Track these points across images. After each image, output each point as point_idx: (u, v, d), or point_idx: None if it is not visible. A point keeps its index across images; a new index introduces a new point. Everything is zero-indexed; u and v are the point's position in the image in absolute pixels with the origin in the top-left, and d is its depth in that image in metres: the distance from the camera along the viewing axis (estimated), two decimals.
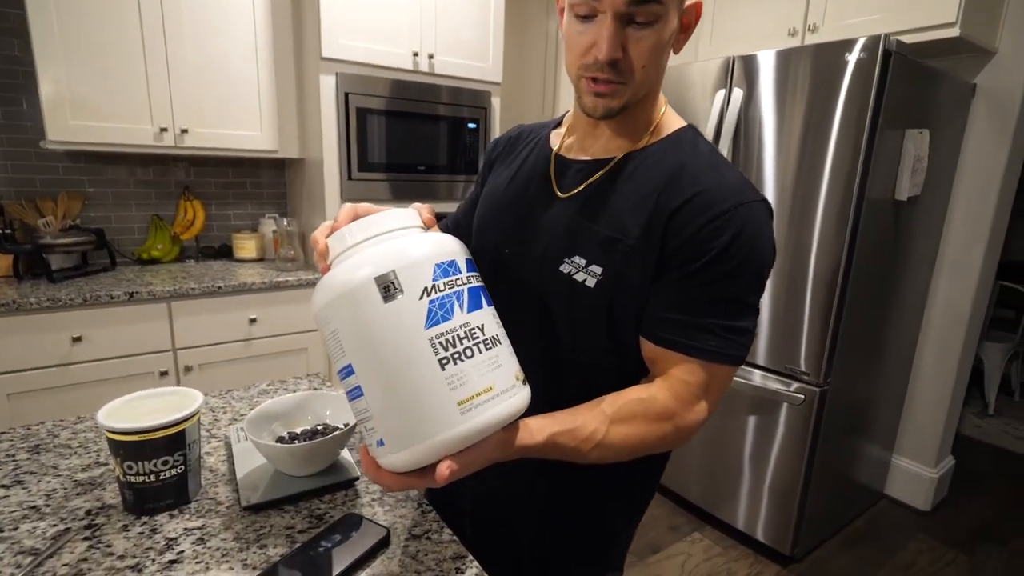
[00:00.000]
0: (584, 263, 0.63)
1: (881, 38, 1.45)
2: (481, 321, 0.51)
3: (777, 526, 1.85)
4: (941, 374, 2.10)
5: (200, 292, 1.88)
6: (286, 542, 0.62)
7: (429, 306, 0.49)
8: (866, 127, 1.50)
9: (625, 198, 0.63)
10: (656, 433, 0.60)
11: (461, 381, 0.48)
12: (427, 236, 0.53)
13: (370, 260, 0.49)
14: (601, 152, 0.68)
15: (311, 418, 0.80)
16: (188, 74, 1.98)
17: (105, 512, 0.66)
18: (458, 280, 0.51)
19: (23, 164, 2.03)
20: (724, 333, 0.59)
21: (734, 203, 0.58)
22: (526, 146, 0.78)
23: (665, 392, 0.60)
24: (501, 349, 0.52)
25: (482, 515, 0.77)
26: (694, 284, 0.59)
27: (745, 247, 0.58)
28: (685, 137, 0.66)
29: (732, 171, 0.63)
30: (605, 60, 0.57)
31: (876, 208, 1.64)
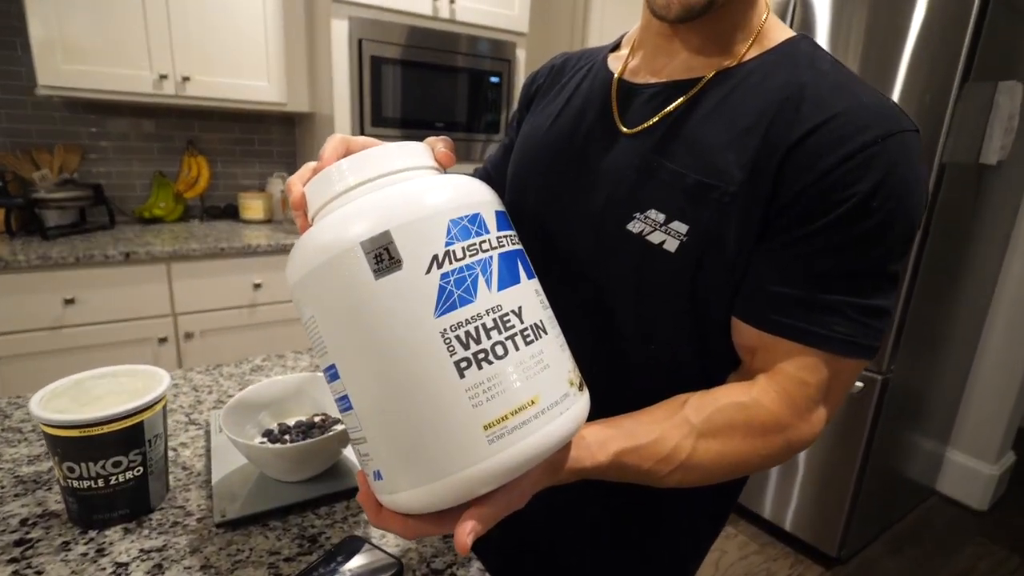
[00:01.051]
0: (662, 219, 0.47)
1: None
2: (519, 302, 0.35)
3: (822, 523, 1.70)
4: (1008, 362, 1.91)
5: (202, 254, 1.75)
6: (268, 573, 0.48)
7: (441, 283, 0.32)
8: (957, 77, 1.27)
9: (720, 131, 0.46)
10: (760, 451, 0.44)
11: (489, 394, 0.32)
12: (442, 179, 0.36)
13: (359, 215, 0.33)
14: (682, 72, 0.50)
15: (309, 406, 0.65)
16: (190, 15, 1.79)
17: (45, 522, 0.52)
18: (484, 243, 0.34)
19: (18, 113, 1.88)
20: (857, 315, 0.43)
21: (881, 133, 0.41)
22: (575, 74, 0.59)
23: (773, 395, 0.44)
24: (547, 341, 0.35)
25: (513, 543, 0.62)
26: (820, 247, 0.42)
27: (895, 195, 0.41)
28: (799, 48, 0.48)
29: (871, 91, 0.44)
30: None
31: (958, 173, 1.42)
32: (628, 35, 0.58)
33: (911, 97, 1.34)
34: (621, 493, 0.48)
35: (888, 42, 1.37)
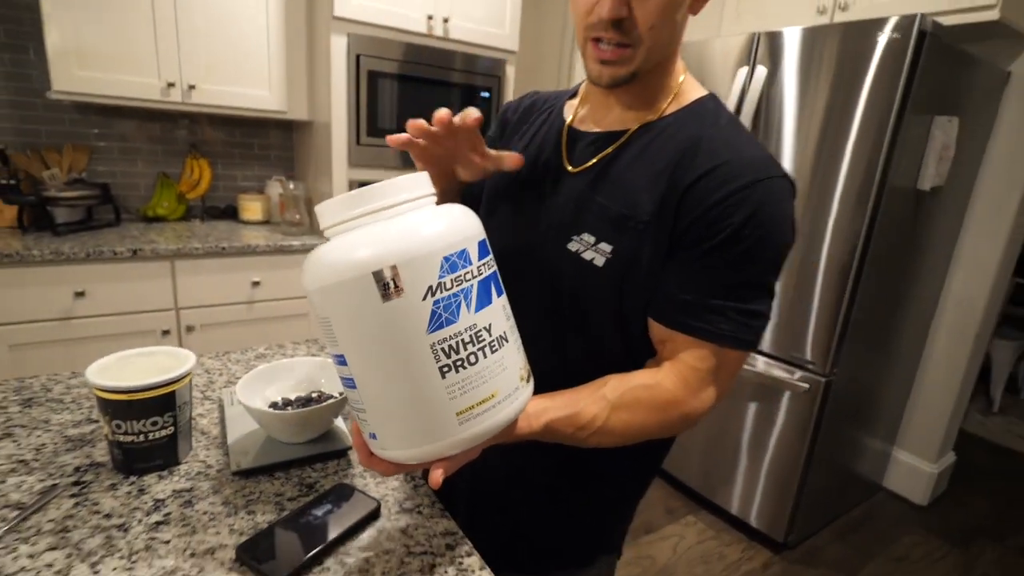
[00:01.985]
0: (593, 241, 0.60)
1: (917, 18, 1.38)
2: (489, 320, 0.46)
3: (772, 513, 1.85)
4: (949, 370, 2.07)
5: (204, 252, 1.87)
6: (275, 509, 0.61)
7: (433, 308, 0.43)
8: (893, 112, 1.43)
9: (638, 173, 0.60)
10: (659, 421, 0.58)
11: (462, 390, 0.44)
12: (439, 214, 0.46)
13: (371, 242, 0.42)
14: (615, 124, 0.64)
15: (306, 385, 0.78)
16: (197, 28, 1.92)
17: (94, 470, 0.65)
18: (467, 274, 0.45)
19: (29, 114, 2.00)
20: (737, 316, 0.56)
21: (752, 179, 0.55)
22: (540, 115, 0.74)
23: (672, 378, 0.58)
24: (508, 348, 0.48)
25: (477, 491, 0.75)
26: (707, 264, 0.56)
27: (763, 226, 0.54)
28: (706, 107, 0.62)
29: (754, 144, 0.59)
30: (608, 18, 0.54)
31: (897, 196, 1.59)
32: (584, 85, 0.72)
33: (870, 127, 1.49)
34: (564, 453, 0.62)
35: (855, 72, 1.52)
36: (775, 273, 0.58)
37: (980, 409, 3.20)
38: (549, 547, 0.74)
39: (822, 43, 1.57)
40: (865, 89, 1.48)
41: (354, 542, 0.57)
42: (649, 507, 2.08)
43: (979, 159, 1.91)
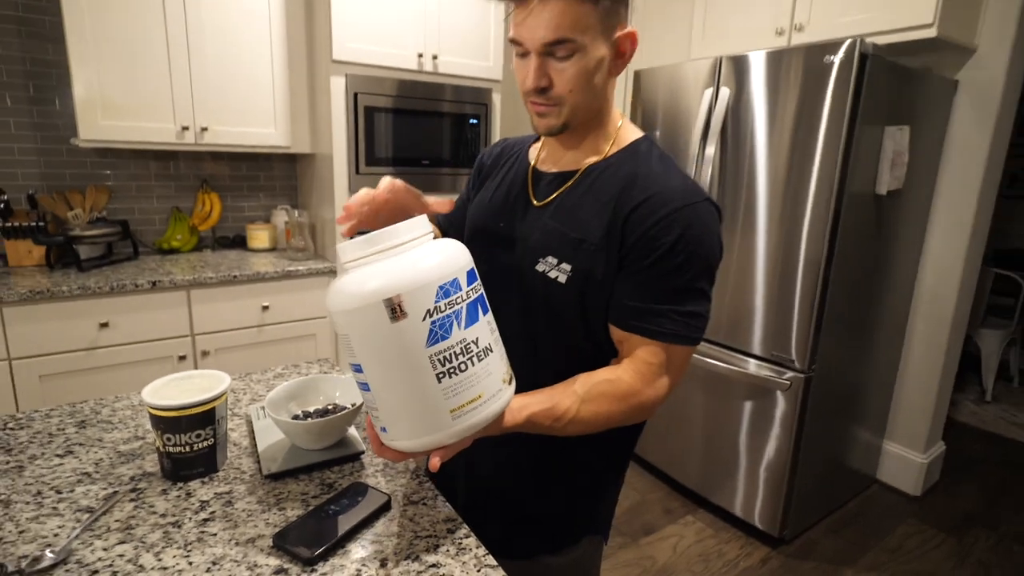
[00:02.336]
0: (556, 262, 0.73)
1: (857, 42, 1.51)
2: (476, 335, 0.58)
3: (768, 510, 1.94)
4: (929, 361, 2.16)
5: (217, 281, 1.99)
6: (301, 505, 0.72)
7: (431, 327, 0.55)
8: (844, 125, 1.56)
9: (588, 205, 0.73)
10: (622, 410, 0.69)
11: (455, 392, 0.56)
12: (435, 250, 0.58)
13: (381, 275, 0.54)
14: (569, 164, 0.78)
15: (322, 398, 0.89)
16: (208, 76, 2.08)
17: (146, 478, 0.76)
18: (458, 299, 0.57)
19: (55, 160, 2.14)
20: (678, 317, 0.68)
21: (680, 204, 0.68)
22: (509, 159, 0.88)
23: (630, 372, 0.70)
24: (492, 357, 0.60)
25: (472, 484, 0.86)
26: (649, 276, 0.68)
27: (692, 242, 0.67)
28: (640, 148, 0.76)
29: (680, 176, 0.72)
30: (532, 88, 0.69)
31: (856, 201, 1.71)
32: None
33: (829, 140, 1.61)
34: (547, 443, 0.73)
35: (813, 90, 1.65)
36: (707, 280, 0.71)
37: (973, 399, 3.28)
38: (536, 531, 0.84)
39: (779, 65, 1.70)
40: (824, 106, 1.60)
41: (370, 529, 0.68)
42: (649, 508, 2.17)
43: (937, 161, 2.03)
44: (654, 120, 2.14)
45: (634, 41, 0.70)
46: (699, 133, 1.91)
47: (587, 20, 0.65)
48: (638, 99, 2.21)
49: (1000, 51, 1.87)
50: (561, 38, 0.65)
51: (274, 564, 0.62)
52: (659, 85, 2.10)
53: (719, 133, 1.85)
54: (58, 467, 0.78)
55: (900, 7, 1.73)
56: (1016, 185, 4.10)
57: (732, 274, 1.92)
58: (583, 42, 0.66)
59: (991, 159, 1.96)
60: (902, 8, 1.73)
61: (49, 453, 0.82)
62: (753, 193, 1.82)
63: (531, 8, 0.65)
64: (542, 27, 0.65)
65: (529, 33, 0.66)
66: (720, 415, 2.03)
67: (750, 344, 1.91)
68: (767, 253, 1.81)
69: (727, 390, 1.99)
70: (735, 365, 1.94)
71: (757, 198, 1.81)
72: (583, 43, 0.66)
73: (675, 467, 2.25)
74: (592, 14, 0.65)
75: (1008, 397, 3.34)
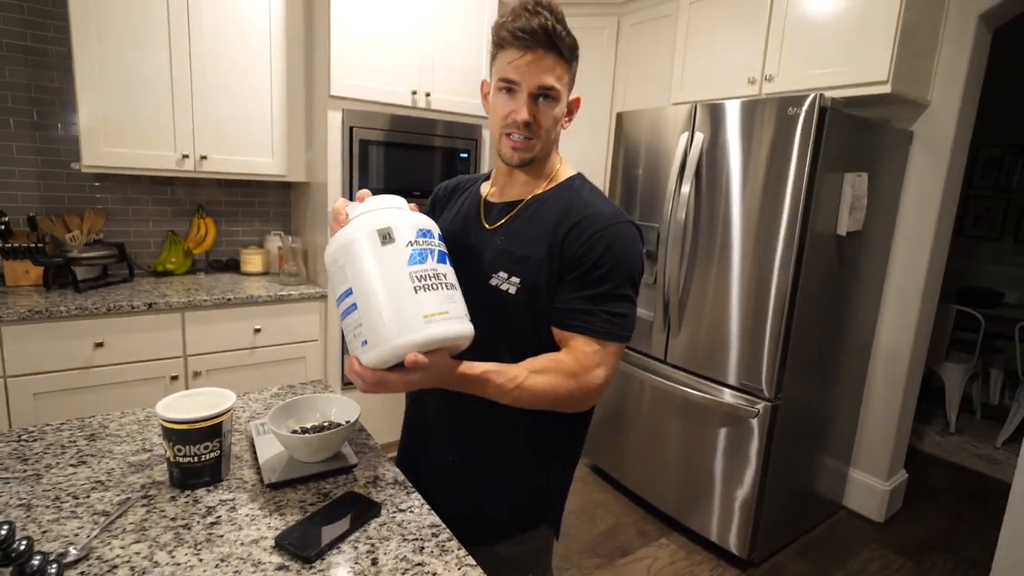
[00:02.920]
0: (506, 276, 0.87)
1: (817, 96, 1.67)
2: (445, 271, 0.76)
3: (738, 533, 2.02)
4: (890, 392, 2.29)
5: (211, 304, 2.06)
6: (299, 511, 0.79)
7: (411, 251, 0.73)
8: (806, 172, 1.71)
9: (532, 228, 0.88)
10: (565, 386, 0.81)
11: (428, 301, 0.71)
12: (413, 213, 0.79)
13: (375, 220, 0.74)
14: (515, 196, 0.93)
15: (319, 416, 0.97)
16: (209, 107, 2.18)
17: (156, 487, 0.83)
18: (432, 242, 0.76)
19: (55, 183, 2.21)
20: (607, 316, 0.83)
21: (605, 224, 0.84)
22: (463, 193, 1.04)
23: (571, 357, 0.83)
24: (456, 293, 0.76)
25: (444, 482, 0.97)
26: (583, 283, 0.83)
27: (615, 256, 0.83)
28: (574, 183, 0.93)
29: (606, 203, 0.89)
30: (520, 121, 0.83)
31: (820, 241, 1.85)
32: (493, 172, 1.00)
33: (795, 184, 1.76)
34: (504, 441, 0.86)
35: (782, 138, 1.80)
36: (631, 287, 0.85)
37: (938, 430, 3.42)
38: (494, 521, 0.95)
39: (749, 114, 1.86)
40: (793, 152, 1.75)
41: (363, 532, 0.76)
42: (624, 531, 2.24)
43: (896, 205, 2.20)
44: (636, 159, 2.28)
45: (579, 105, 0.90)
46: (676, 173, 2.06)
47: (566, 77, 0.84)
48: (620, 139, 2.36)
49: (950, 106, 2.05)
50: (552, 85, 0.82)
51: (276, 562, 0.69)
52: (641, 127, 2.25)
53: (694, 174, 2.00)
54: (73, 475, 0.85)
55: (858, 64, 1.91)
56: (979, 225, 4.34)
57: (708, 306, 2.04)
58: (560, 93, 0.84)
59: (944, 204, 2.13)
60: (860, 65, 1.91)
61: (63, 463, 0.88)
62: (728, 231, 1.95)
63: (534, 57, 0.81)
64: (541, 73, 0.81)
65: (528, 76, 0.82)
66: (694, 441, 2.12)
67: (724, 374, 2.02)
68: (740, 287, 1.93)
69: (702, 417, 2.08)
70: (710, 393, 2.04)
71: (731, 235, 1.94)
72: (561, 93, 0.84)
73: (651, 491, 2.33)
74: (568, 74, 0.85)
75: (971, 429, 3.48)
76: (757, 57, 2.19)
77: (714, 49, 2.35)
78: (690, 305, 2.10)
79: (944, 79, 2.06)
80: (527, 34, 0.80)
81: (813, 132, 1.69)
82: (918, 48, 1.94)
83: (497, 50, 0.85)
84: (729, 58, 2.29)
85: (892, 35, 1.82)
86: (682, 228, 2.07)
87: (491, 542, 0.93)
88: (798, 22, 2.06)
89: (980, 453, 3.14)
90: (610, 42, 2.90)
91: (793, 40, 2.08)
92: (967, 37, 1.99)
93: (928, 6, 1.94)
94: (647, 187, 2.24)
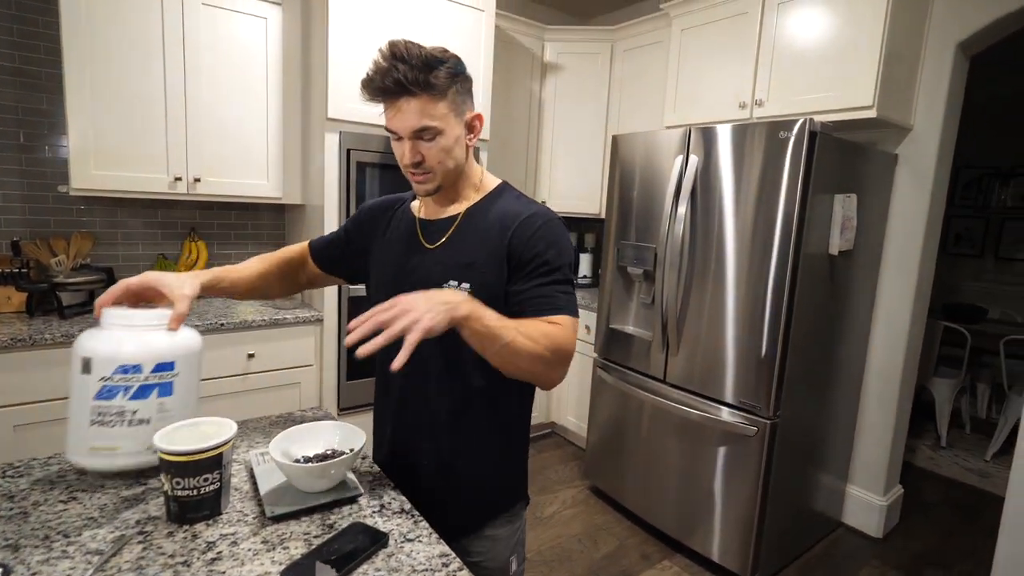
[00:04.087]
0: (456, 284, 0.93)
1: (807, 121, 1.71)
2: (136, 408, 0.84)
3: (739, 553, 1.99)
4: (883, 408, 2.30)
5: (203, 328, 2.01)
6: (304, 544, 0.76)
7: (101, 386, 0.82)
8: (798, 193, 1.74)
9: (472, 237, 0.96)
10: (545, 345, 0.85)
11: (99, 437, 0.83)
12: (145, 338, 0.86)
13: (85, 346, 0.83)
14: (449, 212, 1.01)
15: (323, 443, 0.94)
16: (204, 128, 2.17)
17: (152, 522, 0.80)
18: (131, 378, 0.83)
19: (40, 207, 2.17)
20: (562, 295, 0.92)
21: (542, 222, 0.94)
22: (391, 212, 1.10)
23: (554, 326, 0.89)
24: (141, 429, 0.85)
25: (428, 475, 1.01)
26: (534, 274, 0.92)
27: (555, 245, 0.93)
28: (501, 191, 1.02)
29: (534, 204, 0.99)
30: (409, 164, 0.92)
31: (812, 261, 1.87)
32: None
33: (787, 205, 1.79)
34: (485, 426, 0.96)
35: (774, 160, 1.84)
36: (570, 270, 0.95)
37: (930, 445, 3.44)
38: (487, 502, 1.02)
39: (741, 137, 1.89)
40: (784, 174, 1.78)
41: (370, 565, 0.73)
42: (626, 554, 2.20)
43: (884, 225, 2.24)
44: (632, 181, 2.30)
45: (481, 120, 0.97)
46: (672, 195, 2.08)
47: (440, 111, 0.89)
48: (616, 161, 2.38)
49: (932, 130, 2.11)
50: (424, 126, 0.88)
51: None
52: (636, 149, 2.28)
53: (689, 196, 2.02)
54: (63, 512, 0.81)
55: (845, 90, 1.96)
56: (960, 243, 4.44)
57: (705, 325, 2.05)
58: (441, 127, 0.90)
59: (930, 223, 2.18)
60: (846, 91, 1.96)
61: (52, 499, 0.84)
62: (722, 251, 1.97)
63: (399, 106, 0.88)
64: (409, 119, 0.88)
65: (400, 124, 0.89)
66: (694, 461, 2.11)
67: (722, 392, 2.01)
68: (736, 306, 1.94)
69: (701, 436, 2.07)
70: (708, 412, 2.04)
71: (726, 255, 1.96)
72: (441, 127, 0.90)
73: (652, 512, 2.30)
74: (443, 106, 0.89)
75: (961, 443, 3.51)
76: (747, 82, 2.24)
77: (705, 74, 2.41)
78: (688, 324, 2.10)
79: (926, 104, 2.12)
80: (384, 93, 0.87)
81: (804, 155, 1.73)
82: (901, 75, 2.01)
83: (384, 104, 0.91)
84: (720, 83, 2.35)
85: (876, 62, 1.87)
86: (679, 249, 2.08)
87: (481, 527, 1.01)
88: (786, 49, 2.12)
89: (971, 467, 3.16)
90: (604, 66, 2.96)
91: (781, 67, 2.14)
92: (946, 64, 2.06)
93: (909, 35, 2.01)
94: (643, 208, 2.26)
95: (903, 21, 1.94)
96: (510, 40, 2.99)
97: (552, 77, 3.02)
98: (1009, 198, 4.21)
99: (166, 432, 0.82)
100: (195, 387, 0.94)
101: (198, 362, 0.94)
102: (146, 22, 2.02)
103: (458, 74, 0.91)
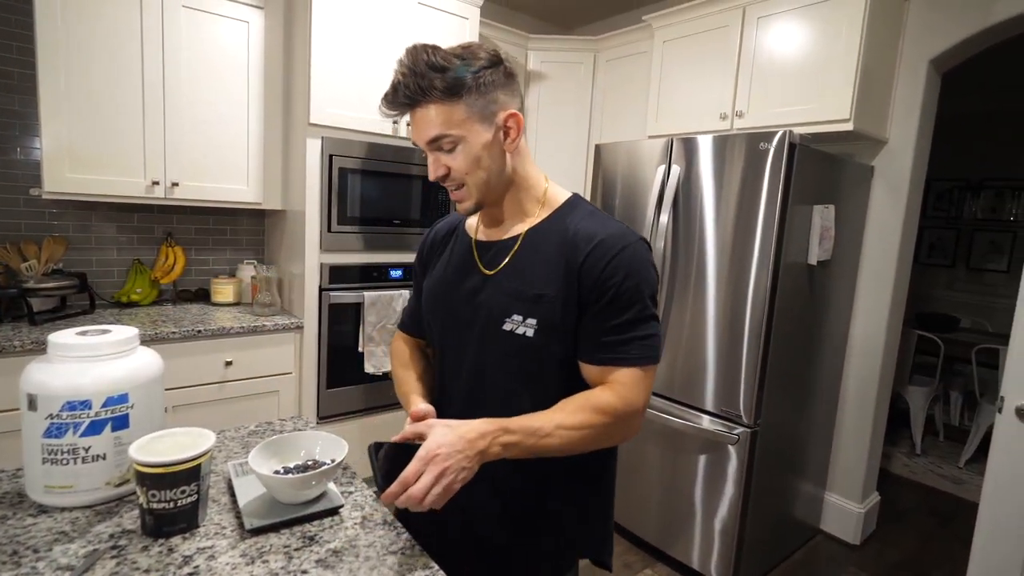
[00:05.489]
0: (521, 319, 0.83)
1: (786, 133, 1.75)
2: (89, 444, 0.82)
3: (721, 561, 2.00)
4: (861, 416, 2.34)
5: (180, 336, 1.97)
6: (284, 558, 0.75)
7: (48, 424, 0.80)
8: (778, 204, 1.77)
9: (539, 263, 0.83)
10: (602, 422, 0.78)
11: (52, 475, 0.81)
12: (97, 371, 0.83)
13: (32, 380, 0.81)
14: (508, 233, 0.89)
15: (303, 454, 0.93)
16: (183, 131, 2.13)
17: (126, 536, 0.77)
18: (81, 415, 0.81)
19: (11, 210, 2.11)
20: (640, 342, 0.80)
21: (619, 248, 0.80)
22: (447, 240, 0.99)
23: (606, 392, 0.79)
24: (96, 466, 0.83)
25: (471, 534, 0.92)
26: (608, 314, 0.80)
27: (635, 277, 0.80)
28: (572, 205, 0.88)
29: (613, 224, 0.84)
30: (433, 179, 0.83)
31: (792, 270, 1.90)
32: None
33: (767, 215, 1.81)
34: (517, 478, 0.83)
35: (754, 171, 1.86)
36: (653, 304, 0.82)
37: (905, 452, 3.51)
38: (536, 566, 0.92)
39: (722, 148, 1.92)
40: (764, 185, 1.81)
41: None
42: None
43: (860, 236, 2.29)
44: (614, 189, 2.32)
45: (518, 119, 0.82)
46: (654, 204, 2.10)
47: (457, 117, 0.78)
48: (599, 170, 2.40)
49: (906, 143, 2.18)
50: (438, 135, 0.78)
51: None
52: (618, 159, 2.30)
53: (671, 205, 2.05)
54: (32, 526, 0.78)
55: (822, 103, 2.01)
56: (933, 254, 4.57)
57: (686, 333, 2.07)
58: (460, 134, 0.78)
59: (905, 234, 2.23)
60: (824, 104, 2.01)
61: (21, 513, 0.81)
62: (703, 260, 1.99)
63: (413, 118, 0.80)
64: (422, 129, 0.79)
65: (416, 136, 0.81)
66: (675, 469, 2.12)
67: (703, 400, 2.03)
68: (716, 314, 1.96)
69: (682, 445, 2.09)
70: (689, 420, 2.05)
71: (707, 264, 1.98)
72: (460, 135, 0.78)
73: (633, 521, 2.30)
74: (461, 110, 0.78)
75: (935, 450, 3.59)
76: (728, 94, 2.28)
77: (687, 85, 2.45)
78: (669, 333, 2.12)
79: (900, 118, 2.18)
80: (397, 106, 0.79)
81: (784, 166, 1.76)
82: (876, 89, 2.06)
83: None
84: (702, 94, 2.39)
85: (853, 77, 1.93)
86: (661, 258, 2.11)
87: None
88: (765, 63, 2.17)
89: (945, 473, 3.23)
90: (587, 76, 2.99)
91: (761, 79, 2.18)
92: (919, 80, 2.13)
93: (884, 51, 2.07)
94: (625, 217, 2.28)
95: (879, 37, 2.00)
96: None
97: (535, 86, 3.04)
98: (979, 210, 4.35)
99: (142, 443, 0.80)
100: (156, 414, 0.90)
101: (158, 388, 0.91)
102: (125, 23, 1.99)
103: (477, 73, 0.77)
